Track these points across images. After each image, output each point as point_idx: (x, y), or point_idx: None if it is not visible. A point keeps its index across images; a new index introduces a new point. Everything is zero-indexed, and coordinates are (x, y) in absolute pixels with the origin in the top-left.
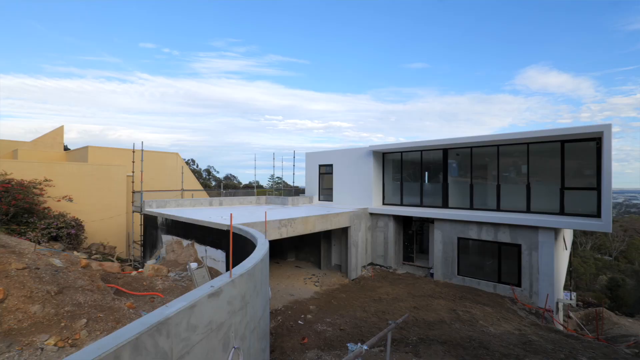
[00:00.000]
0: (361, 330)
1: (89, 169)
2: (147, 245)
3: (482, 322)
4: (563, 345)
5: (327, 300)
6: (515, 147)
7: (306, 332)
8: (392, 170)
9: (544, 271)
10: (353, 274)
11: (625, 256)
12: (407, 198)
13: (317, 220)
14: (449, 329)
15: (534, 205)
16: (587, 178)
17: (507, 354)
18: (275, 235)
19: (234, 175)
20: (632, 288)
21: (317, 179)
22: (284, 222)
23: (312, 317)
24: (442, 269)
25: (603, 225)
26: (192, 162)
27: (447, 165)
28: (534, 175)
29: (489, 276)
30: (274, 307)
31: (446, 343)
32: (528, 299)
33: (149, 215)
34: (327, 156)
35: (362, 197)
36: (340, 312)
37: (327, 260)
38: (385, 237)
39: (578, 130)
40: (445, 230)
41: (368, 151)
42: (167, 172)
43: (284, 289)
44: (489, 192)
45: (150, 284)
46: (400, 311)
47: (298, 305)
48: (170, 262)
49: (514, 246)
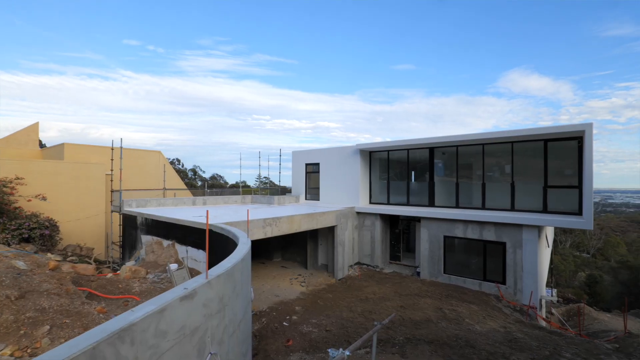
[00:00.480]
0: (347, 330)
1: (66, 167)
2: (126, 246)
3: (468, 320)
4: (547, 342)
5: (313, 301)
6: (499, 146)
7: (291, 334)
8: (379, 169)
9: (528, 269)
10: (340, 274)
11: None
12: (394, 197)
13: (302, 219)
14: (436, 327)
15: (518, 203)
16: (569, 176)
17: (494, 352)
18: (259, 235)
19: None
20: (609, 284)
21: (304, 178)
22: (268, 221)
23: (297, 318)
24: (428, 267)
25: (584, 223)
26: (178, 161)
27: (434, 164)
28: (518, 174)
29: (475, 274)
30: (258, 309)
31: (433, 342)
32: (512, 296)
33: (129, 215)
34: (313, 155)
35: (349, 196)
36: (327, 313)
37: (314, 260)
38: (372, 236)
39: (560, 129)
40: (432, 228)
41: (355, 150)
42: (149, 171)
43: (269, 289)
44: (474, 190)
45: (126, 287)
46: (387, 311)
47: (283, 306)
48: (150, 263)
49: (499, 244)
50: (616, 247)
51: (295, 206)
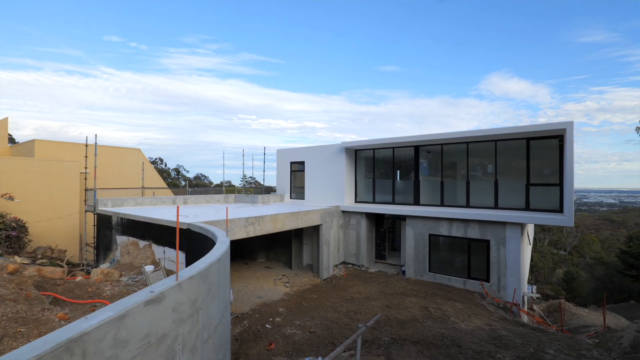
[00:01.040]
0: (332, 332)
1: (37, 164)
2: (100, 248)
3: (453, 318)
4: (531, 338)
5: (298, 302)
6: (483, 145)
7: (274, 337)
8: (365, 168)
9: (511, 266)
10: (325, 274)
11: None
12: (380, 196)
13: (286, 218)
14: (422, 327)
15: (501, 201)
16: (551, 175)
17: (479, 350)
18: (241, 234)
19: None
20: (585, 280)
21: (289, 177)
22: (251, 220)
23: (281, 320)
24: (413, 266)
25: (566, 220)
26: (160, 161)
27: (419, 162)
28: (501, 173)
29: (459, 272)
30: (240, 311)
31: (419, 343)
32: (496, 293)
33: (103, 215)
34: (298, 153)
35: (335, 195)
36: (311, 314)
37: (299, 260)
38: (357, 235)
39: (542, 127)
40: (417, 227)
41: (340, 148)
42: (128, 169)
43: (252, 291)
44: (459, 189)
45: (96, 291)
46: (372, 310)
47: (266, 307)
48: (125, 265)
49: (483, 242)
50: (591, 245)
51: (279, 205)
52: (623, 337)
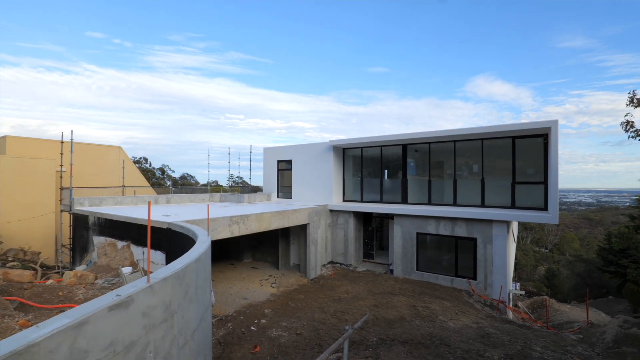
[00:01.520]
0: (319, 333)
1: (8, 162)
2: (76, 249)
3: (441, 317)
4: (518, 336)
5: (284, 303)
6: (470, 143)
7: (259, 339)
8: (353, 167)
9: (498, 263)
10: (312, 274)
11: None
12: (368, 194)
13: (273, 217)
14: (410, 326)
15: (488, 199)
16: (536, 173)
17: (468, 349)
18: (225, 234)
19: (191, 175)
20: (566, 277)
21: (276, 176)
22: (235, 219)
23: (266, 322)
24: (401, 265)
25: (550, 217)
26: (145, 160)
27: (406, 161)
28: (488, 171)
29: (447, 270)
30: (224, 313)
31: (407, 343)
32: (483, 291)
33: (80, 215)
34: (286, 151)
35: (322, 194)
36: (298, 315)
37: (286, 260)
38: (345, 234)
39: (528, 126)
40: (405, 225)
41: (328, 146)
42: (108, 167)
43: (237, 292)
44: (446, 187)
45: (68, 295)
46: (360, 310)
47: (252, 309)
48: (102, 267)
49: (470, 240)
50: (571, 243)
51: (266, 204)
52: (606, 332)
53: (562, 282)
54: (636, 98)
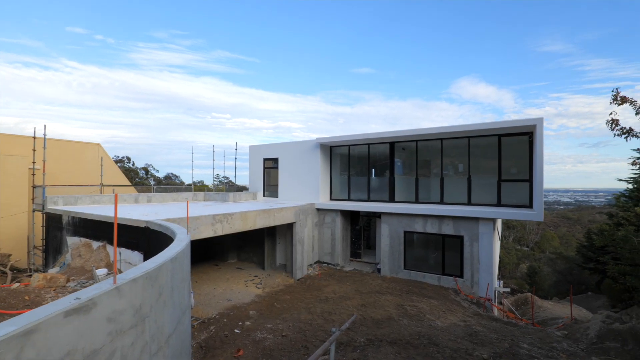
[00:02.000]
0: (305, 334)
1: None
2: (50, 251)
3: (429, 316)
4: (505, 333)
5: (270, 304)
6: (457, 141)
7: (242, 343)
8: (340, 165)
9: (484, 261)
10: (299, 274)
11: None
12: (355, 193)
13: (258, 215)
14: (398, 326)
15: (474, 197)
16: (521, 171)
17: (457, 348)
18: (208, 233)
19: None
20: (547, 274)
21: (262, 174)
22: (219, 217)
23: (251, 324)
24: (389, 263)
25: (536, 214)
26: (128, 159)
27: (394, 159)
28: (474, 169)
29: (434, 269)
30: (206, 315)
31: (396, 343)
32: (469, 289)
33: (53, 214)
34: (272, 150)
35: (309, 193)
36: (284, 316)
37: (272, 259)
38: (332, 233)
39: (514, 123)
40: (392, 224)
41: (315, 144)
42: (86, 166)
43: (221, 293)
44: (433, 185)
45: (35, 299)
46: (347, 310)
47: (236, 311)
48: (76, 269)
49: (456, 238)
50: (551, 241)
51: (252, 203)
52: (589, 328)
53: (543, 279)
54: (620, 96)
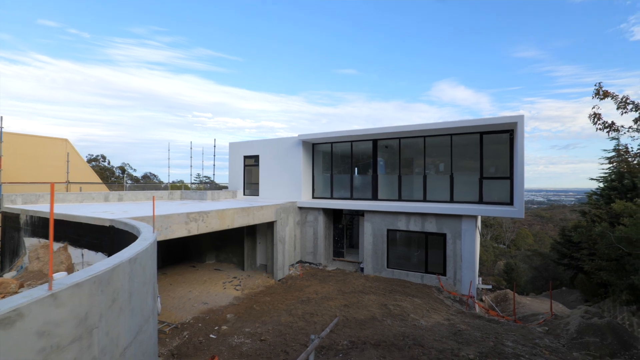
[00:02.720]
0: (285, 338)
1: None
2: (6, 253)
3: (413, 315)
4: (489, 331)
5: (249, 306)
6: (440, 139)
7: (218, 349)
8: (323, 163)
9: (467, 258)
10: (280, 274)
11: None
12: (338, 191)
13: (236, 213)
14: (381, 326)
15: (456, 195)
16: (502, 168)
17: (442, 349)
18: (181, 232)
19: (154, 174)
20: (524, 270)
21: (242, 172)
22: (193, 215)
23: (228, 329)
24: (372, 262)
25: (517, 211)
26: (103, 158)
27: (377, 156)
28: (457, 167)
29: (417, 267)
30: (180, 320)
31: (380, 345)
32: (452, 287)
33: (9, 214)
34: (253, 147)
35: (291, 191)
36: (263, 319)
37: (252, 260)
38: (315, 232)
39: (495, 120)
40: (376, 222)
41: (297, 141)
42: (52, 162)
43: (197, 296)
44: (416, 183)
45: None
46: (330, 311)
47: (212, 314)
48: (34, 273)
49: (439, 235)
50: (525, 239)
51: (231, 202)
52: (570, 324)
53: (520, 275)
54: (602, 90)
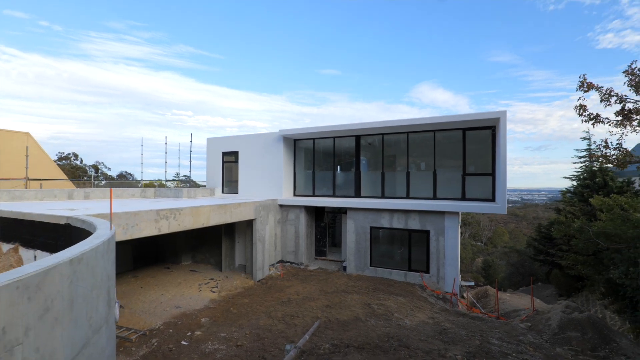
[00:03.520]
0: (263, 342)
1: None
2: None
3: (397, 314)
4: (473, 329)
5: (225, 309)
6: (423, 135)
7: (189, 357)
8: (304, 159)
9: (450, 255)
10: (259, 274)
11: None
12: (320, 189)
13: (212, 211)
14: (365, 327)
15: (439, 192)
16: (484, 165)
17: (429, 350)
18: (150, 231)
19: (130, 173)
20: (500, 267)
21: (221, 169)
22: (164, 213)
23: (201, 334)
24: (355, 261)
25: (499, 207)
26: (75, 156)
27: (360, 153)
28: (440, 163)
29: (400, 265)
30: (149, 327)
31: (364, 348)
32: (435, 284)
33: None
34: (231, 142)
35: (272, 189)
36: (240, 322)
37: (230, 260)
38: (296, 231)
39: (478, 116)
40: (358, 219)
41: (278, 137)
42: (12, 157)
43: (170, 300)
44: (399, 180)
45: None
46: (311, 312)
47: (185, 319)
48: None
49: (423, 232)
50: (502, 236)
51: (208, 199)
52: (551, 319)
53: (497, 272)
54: (586, 82)
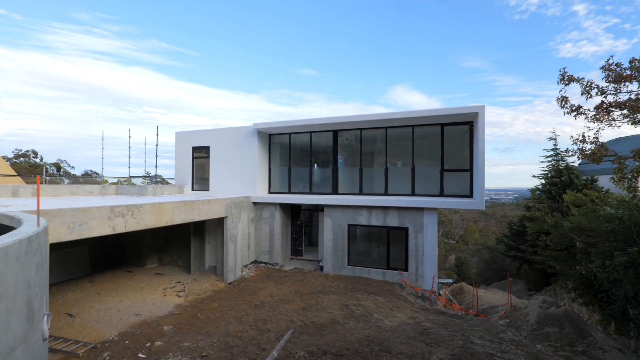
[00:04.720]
0: (232, 352)
1: None
2: None
3: (376, 315)
4: (454, 328)
5: (192, 315)
6: (401, 130)
7: None
8: (280, 155)
9: (428, 253)
10: (231, 276)
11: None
12: (296, 185)
13: (177, 207)
14: (343, 330)
15: (418, 188)
16: (463, 160)
17: (411, 354)
18: (103, 229)
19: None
20: (472, 264)
21: (191, 165)
22: (120, 210)
23: (162, 345)
24: (332, 260)
25: (477, 203)
26: (34, 154)
27: (337, 149)
28: (418, 159)
29: (378, 264)
30: (101, 338)
31: (342, 355)
32: (414, 282)
33: None
34: (202, 137)
35: (246, 185)
36: (207, 330)
37: (200, 262)
38: (271, 230)
39: (457, 110)
40: (336, 217)
41: (252, 131)
42: None
43: (129, 307)
44: (377, 176)
45: None
46: (285, 315)
47: (145, 328)
48: None
49: (401, 230)
50: (473, 234)
51: (176, 197)
52: (529, 315)
53: (469, 268)
54: (567, 76)
